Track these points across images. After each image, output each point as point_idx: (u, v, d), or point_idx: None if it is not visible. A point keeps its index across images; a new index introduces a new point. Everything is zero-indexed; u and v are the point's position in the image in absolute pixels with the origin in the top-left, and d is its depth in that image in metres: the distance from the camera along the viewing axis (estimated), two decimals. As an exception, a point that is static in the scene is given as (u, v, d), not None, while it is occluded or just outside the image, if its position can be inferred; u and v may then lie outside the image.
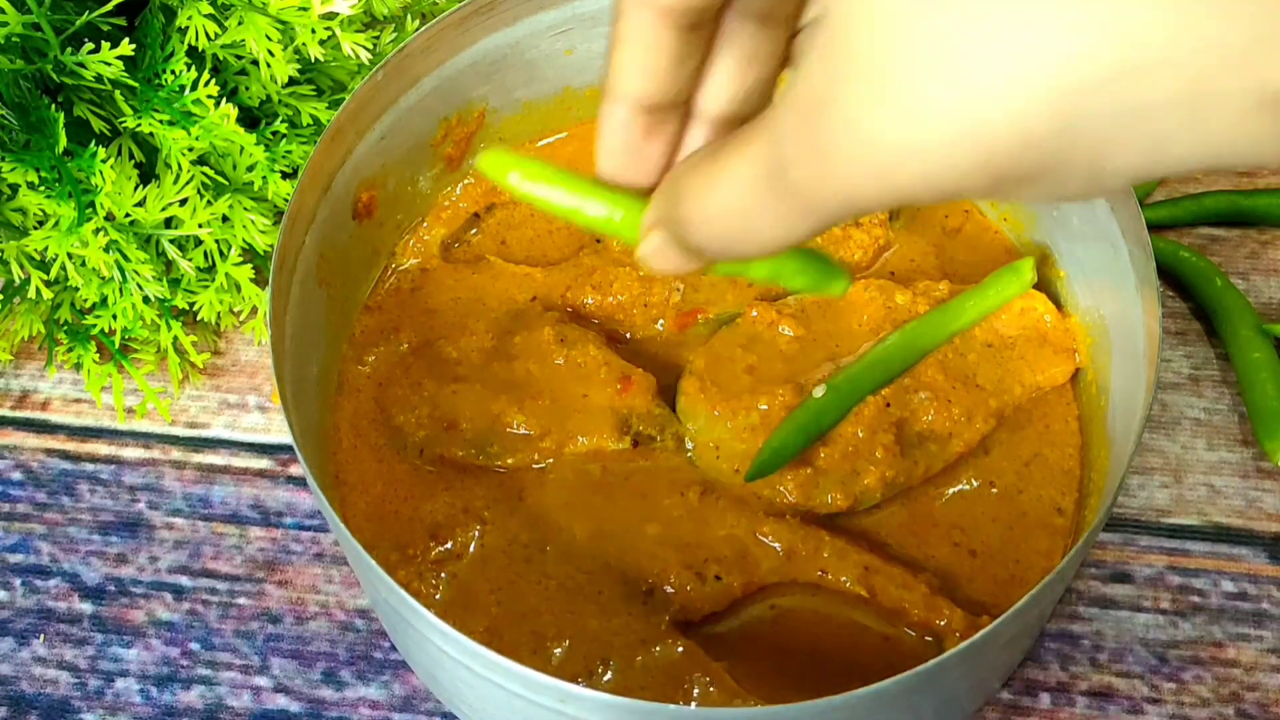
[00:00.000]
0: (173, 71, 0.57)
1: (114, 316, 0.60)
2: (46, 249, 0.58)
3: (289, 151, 0.61)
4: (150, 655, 0.57)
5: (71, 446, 0.63)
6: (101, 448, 0.63)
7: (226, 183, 0.61)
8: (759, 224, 0.31)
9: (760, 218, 0.31)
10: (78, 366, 0.64)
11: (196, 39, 0.57)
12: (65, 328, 0.64)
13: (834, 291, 0.45)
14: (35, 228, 0.60)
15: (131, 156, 0.60)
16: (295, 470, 0.62)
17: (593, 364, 0.56)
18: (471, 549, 0.53)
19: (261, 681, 0.56)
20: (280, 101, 0.62)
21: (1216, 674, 0.56)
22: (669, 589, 0.52)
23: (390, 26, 0.65)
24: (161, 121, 0.57)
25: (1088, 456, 0.56)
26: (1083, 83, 0.25)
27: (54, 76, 0.57)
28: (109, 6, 0.56)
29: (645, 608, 0.51)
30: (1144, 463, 0.61)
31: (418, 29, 0.59)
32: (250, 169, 0.60)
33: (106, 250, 0.57)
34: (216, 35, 0.58)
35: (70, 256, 0.58)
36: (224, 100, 0.58)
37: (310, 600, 0.58)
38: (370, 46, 0.60)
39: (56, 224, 0.57)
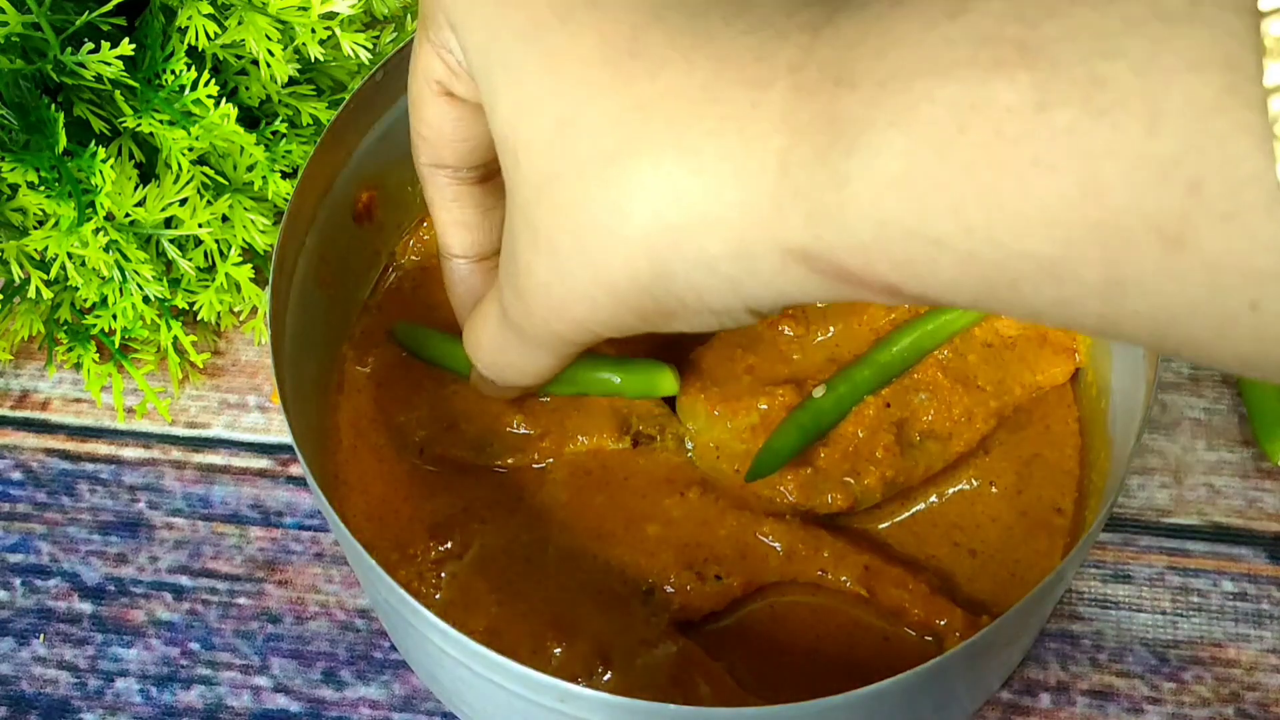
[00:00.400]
0: (173, 71, 0.57)
1: (114, 316, 0.60)
2: (46, 249, 0.58)
3: (289, 151, 0.61)
4: (150, 655, 0.57)
5: (71, 446, 0.63)
6: (101, 447, 0.63)
7: (226, 183, 0.61)
8: (510, 357, 0.38)
9: (506, 352, 0.38)
10: (78, 366, 0.64)
11: (196, 39, 0.57)
12: (65, 327, 0.64)
13: (665, 389, 0.54)
14: (35, 228, 0.60)
15: (131, 156, 0.60)
16: (295, 470, 0.62)
17: (593, 364, 0.56)
18: (471, 549, 0.53)
19: (261, 681, 0.56)
20: (280, 101, 0.62)
21: (1216, 674, 0.56)
22: (669, 589, 0.52)
23: (390, 26, 0.65)
24: (161, 121, 0.57)
25: (1088, 457, 0.56)
26: (660, 240, 0.30)
27: (54, 76, 0.57)
28: (109, 6, 0.56)
29: (645, 608, 0.51)
30: (1144, 463, 0.61)
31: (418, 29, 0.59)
32: (250, 169, 0.60)
33: (106, 250, 0.57)
34: (216, 35, 0.58)
35: (70, 256, 0.58)
36: (224, 100, 0.58)
37: (310, 600, 0.58)
38: (370, 46, 0.60)
39: (56, 224, 0.57)
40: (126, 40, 0.55)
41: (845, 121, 0.27)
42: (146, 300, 0.60)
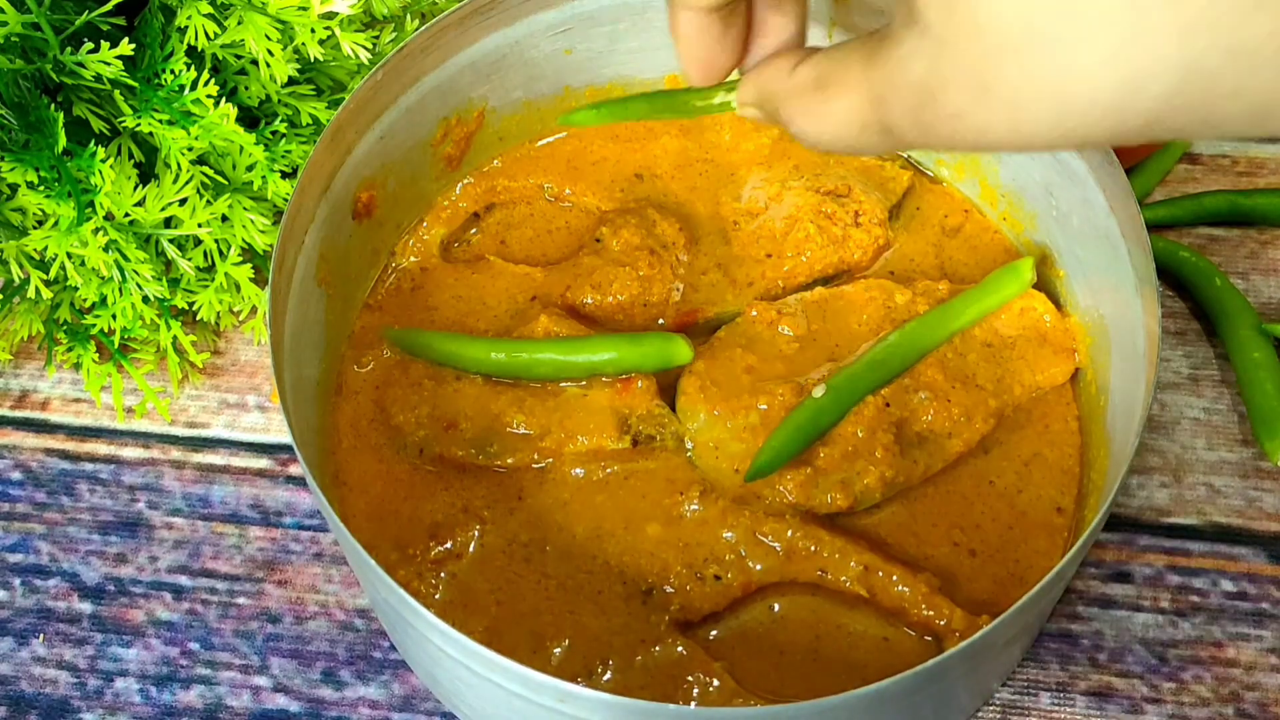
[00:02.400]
0: (172, 71, 0.57)
1: (113, 316, 0.60)
2: (46, 249, 0.58)
3: (288, 151, 0.61)
4: (150, 655, 0.57)
5: (71, 446, 0.63)
6: (101, 447, 0.63)
7: (226, 182, 0.61)
8: (859, 145, 0.35)
9: (861, 143, 0.35)
10: (77, 366, 0.64)
11: (196, 39, 0.57)
12: (65, 327, 0.64)
13: (680, 358, 0.53)
14: (35, 227, 0.60)
15: (131, 156, 0.60)
16: (295, 470, 0.62)
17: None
18: (471, 549, 0.53)
19: (261, 681, 0.56)
20: (280, 101, 0.62)
21: (1216, 674, 0.56)
22: (669, 589, 0.52)
23: (390, 26, 0.65)
24: (161, 121, 0.57)
25: (1087, 456, 0.56)
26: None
27: (53, 76, 0.57)
28: (108, 6, 0.56)
29: (645, 608, 0.51)
30: (1143, 462, 0.61)
31: (417, 29, 0.59)
32: (250, 169, 0.60)
33: (106, 250, 0.57)
34: (216, 35, 0.58)
35: (70, 256, 0.58)
36: (223, 100, 0.58)
37: (310, 600, 0.58)
38: (370, 46, 0.60)
39: (56, 224, 0.57)
40: (126, 40, 0.55)
41: None
42: (146, 300, 0.60)
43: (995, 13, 0.29)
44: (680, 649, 0.50)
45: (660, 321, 0.59)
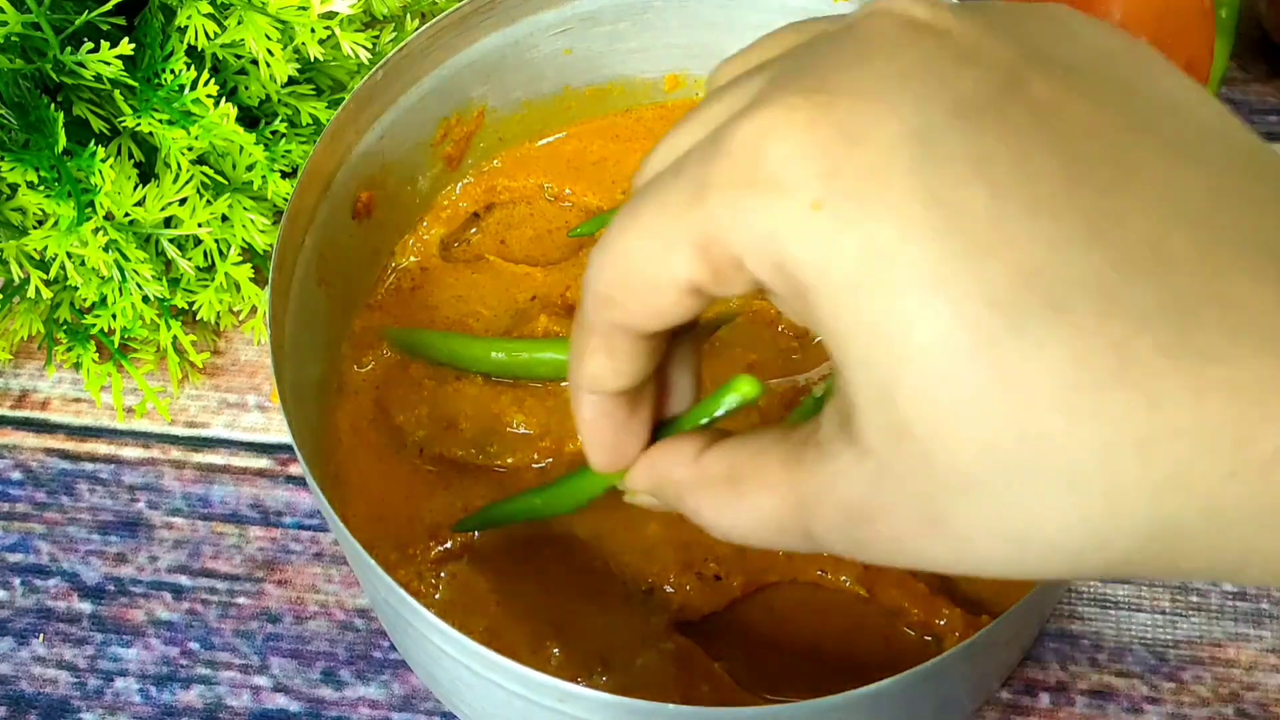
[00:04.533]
0: (172, 71, 0.57)
1: (113, 316, 0.60)
2: (46, 248, 0.58)
3: (288, 151, 0.61)
4: (150, 655, 0.57)
5: (71, 446, 0.63)
6: (101, 447, 0.63)
7: (226, 182, 0.61)
8: (778, 544, 0.32)
9: (779, 542, 0.32)
10: (77, 366, 0.64)
11: (196, 38, 0.57)
12: (64, 327, 0.64)
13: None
14: (34, 227, 0.60)
15: (131, 156, 0.60)
16: (295, 469, 0.62)
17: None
18: (471, 549, 0.53)
19: (261, 681, 0.56)
20: (280, 101, 0.62)
21: (1216, 674, 0.56)
22: (669, 589, 0.52)
23: (390, 26, 0.65)
24: (161, 121, 0.57)
25: (1087, 456, 0.56)
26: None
27: (53, 76, 0.57)
28: (108, 6, 0.56)
29: (645, 608, 0.51)
30: (1143, 462, 0.61)
31: (417, 28, 0.59)
32: (250, 168, 0.60)
33: (106, 250, 0.57)
34: (216, 35, 0.58)
35: (69, 256, 0.58)
36: (223, 100, 0.58)
37: (310, 600, 0.58)
38: (370, 46, 0.60)
39: (56, 223, 0.57)
40: (126, 40, 0.55)
41: None
42: (146, 300, 0.60)
43: (951, 452, 0.26)
44: (680, 649, 0.50)
45: (660, 321, 0.59)
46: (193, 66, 0.58)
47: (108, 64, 0.55)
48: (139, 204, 0.59)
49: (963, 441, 0.26)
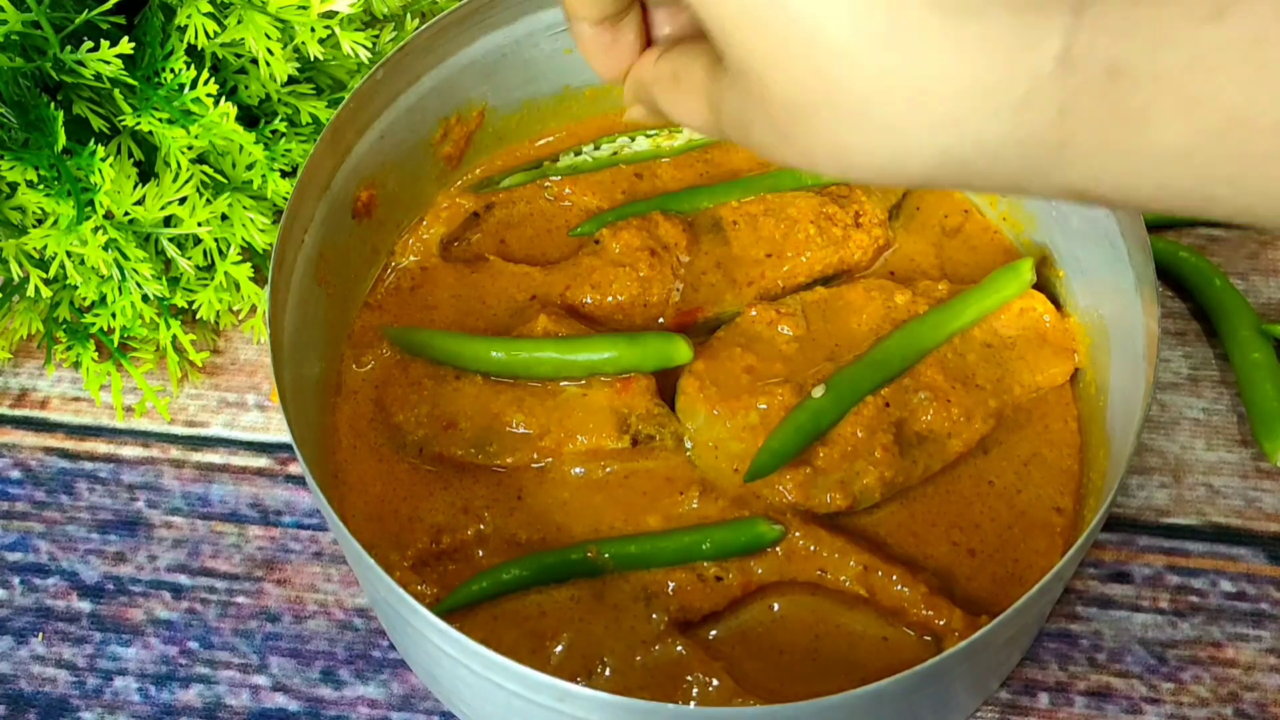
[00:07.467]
0: (172, 70, 0.57)
1: (113, 315, 0.60)
2: (45, 247, 0.58)
3: (288, 150, 0.61)
4: (149, 654, 0.57)
5: (70, 445, 0.63)
6: (100, 446, 0.63)
7: (226, 181, 0.61)
8: (720, 136, 0.38)
9: (719, 134, 0.38)
10: (76, 365, 0.64)
11: (196, 37, 0.57)
12: (64, 326, 0.64)
13: (680, 358, 0.56)
14: (34, 226, 0.60)
15: (131, 155, 0.60)
16: (294, 469, 0.62)
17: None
18: (471, 549, 0.54)
19: (260, 680, 0.56)
20: (280, 100, 0.62)
21: (1215, 674, 0.56)
22: (669, 589, 0.52)
23: (390, 25, 0.65)
24: (161, 120, 0.57)
25: (1087, 456, 0.56)
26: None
27: (53, 75, 0.57)
28: (108, 5, 0.56)
29: (645, 608, 0.51)
30: (1143, 463, 0.61)
31: (417, 28, 0.59)
32: (249, 168, 0.60)
33: (105, 249, 0.57)
34: (216, 34, 0.58)
35: (69, 255, 0.58)
36: (223, 99, 0.58)
37: (309, 599, 0.58)
38: (370, 45, 0.60)
39: (55, 222, 0.57)
40: (126, 39, 0.55)
41: (1125, 109, 0.29)
42: (145, 299, 0.60)
43: (779, 87, 0.32)
44: (680, 649, 0.50)
45: (660, 321, 0.59)
46: (192, 65, 0.58)
47: (107, 63, 0.55)
48: (139, 203, 0.59)
49: (781, 81, 0.32)
